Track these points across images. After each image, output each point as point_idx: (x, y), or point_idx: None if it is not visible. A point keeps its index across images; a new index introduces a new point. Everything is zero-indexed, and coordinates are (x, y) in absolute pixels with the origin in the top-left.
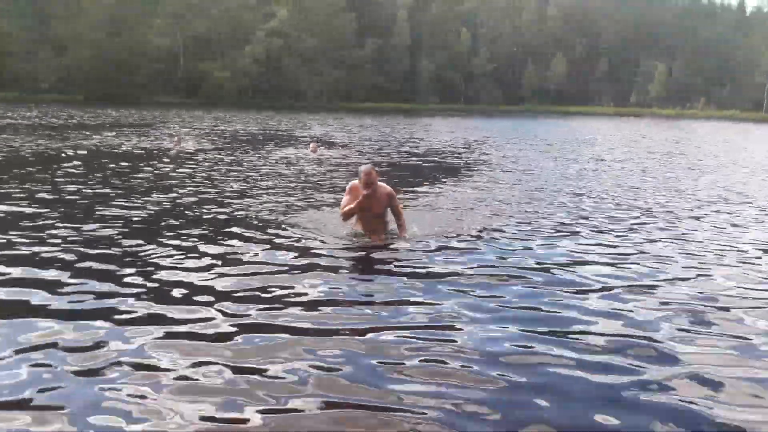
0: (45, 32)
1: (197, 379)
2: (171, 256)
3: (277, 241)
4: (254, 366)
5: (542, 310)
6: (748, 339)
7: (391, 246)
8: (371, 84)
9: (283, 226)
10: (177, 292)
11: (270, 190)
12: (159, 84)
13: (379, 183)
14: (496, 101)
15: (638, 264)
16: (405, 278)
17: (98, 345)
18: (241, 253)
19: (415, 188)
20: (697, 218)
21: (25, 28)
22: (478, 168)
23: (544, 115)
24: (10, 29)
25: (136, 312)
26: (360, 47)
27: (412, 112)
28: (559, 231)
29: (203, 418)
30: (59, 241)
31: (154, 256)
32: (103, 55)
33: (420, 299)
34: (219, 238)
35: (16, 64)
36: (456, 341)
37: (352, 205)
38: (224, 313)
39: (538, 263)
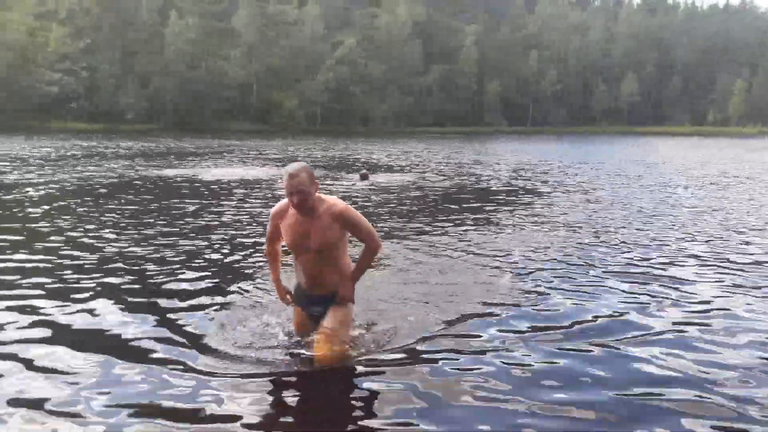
0: (131, 66)
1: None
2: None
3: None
4: None
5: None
6: None
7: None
8: (438, 108)
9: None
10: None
11: None
12: (233, 112)
13: (323, 197)
14: (564, 123)
15: None
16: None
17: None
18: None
19: (468, 218)
20: None
21: (112, 62)
22: (548, 198)
23: (616, 136)
24: (99, 64)
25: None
26: (427, 73)
27: (479, 135)
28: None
29: None
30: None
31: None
32: (183, 86)
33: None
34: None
35: (104, 97)
36: None
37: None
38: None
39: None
